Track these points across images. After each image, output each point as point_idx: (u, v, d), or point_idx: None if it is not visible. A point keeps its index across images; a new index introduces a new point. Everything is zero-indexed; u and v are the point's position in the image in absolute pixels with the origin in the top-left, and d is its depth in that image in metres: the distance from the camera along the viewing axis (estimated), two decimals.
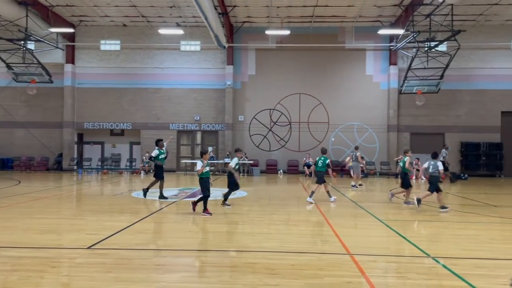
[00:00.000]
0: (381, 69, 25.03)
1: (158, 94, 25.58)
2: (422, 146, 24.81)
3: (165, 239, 7.20)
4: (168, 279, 4.99)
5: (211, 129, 25.67)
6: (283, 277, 5.05)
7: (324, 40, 24.61)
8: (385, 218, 9.62)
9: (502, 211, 10.85)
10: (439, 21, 20.28)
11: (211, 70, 25.42)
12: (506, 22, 23.89)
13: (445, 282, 5.03)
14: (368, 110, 24.89)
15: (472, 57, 24.55)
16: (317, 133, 25.21)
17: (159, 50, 25.67)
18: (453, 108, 24.64)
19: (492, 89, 24.39)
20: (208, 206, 10.00)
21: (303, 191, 16.13)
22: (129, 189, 15.96)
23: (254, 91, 25.43)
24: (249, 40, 25.23)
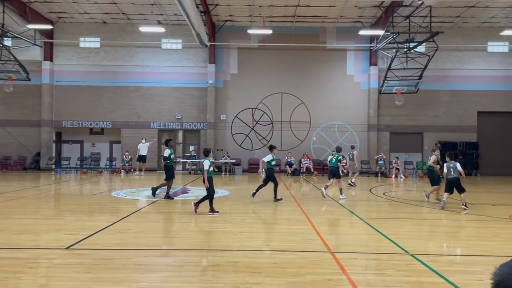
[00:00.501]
0: (361, 69, 25.32)
1: (139, 92, 25.29)
2: (402, 145, 25.24)
3: (146, 238, 7.12)
4: (149, 279, 4.94)
5: (193, 128, 25.52)
6: (265, 275, 5.06)
7: (305, 40, 24.76)
8: (366, 216, 9.74)
9: (478, 209, 11.12)
10: (418, 22, 20.63)
11: (193, 69, 25.28)
12: (482, 24, 24.46)
13: (424, 278, 5.13)
14: (349, 109, 25.15)
15: (449, 58, 25.07)
16: (299, 132, 25.35)
17: (140, 48, 25.39)
18: (431, 108, 25.11)
19: (468, 89, 24.95)
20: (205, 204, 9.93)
21: (285, 190, 16.20)
22: (109, 188, 15.74)
23: (236, 90, 25.40)
24: (231, 39, 25.18)
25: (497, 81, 24.89)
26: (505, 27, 23.94)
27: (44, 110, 24.99)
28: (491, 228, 8.65)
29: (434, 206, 11.88)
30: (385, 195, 14.63)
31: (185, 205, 11.88)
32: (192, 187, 16.22)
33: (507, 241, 7.50)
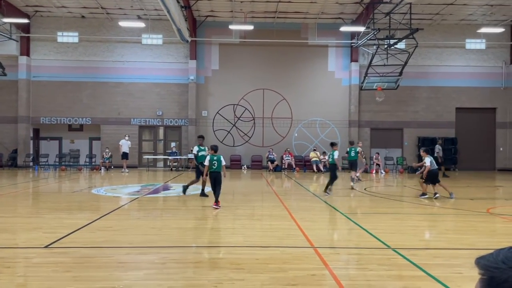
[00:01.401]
0: (342, 65, 25.50)
1: (119, 88, 24.90)
2: (382, 141, 25.55)
3: (127, 236, 7.03)
4: (130, 277, 4.87)
5: (174, 124, 25.29)
6: (248, 271, 5.05)
7: (287, 36, 24.78)
8: (347, 212, 9.83)
9: (457, 203, 11.35)
10: (398, 19, 20.88)
11: (174, 65, 25.02)
12: (460, 21, 24.92)
13: (405, 272, 5.20)
14: (330, 106, 25.32)
15: (429, 55, 25.47)
16: (280, 128, 25.40)
17: (120, 43, 24.97)
18: (411, 104, 25.49)
19: (447, 86, 25.42)
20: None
21: (266, 185, 16.22)
22: (89, 186, 15.48)
23: (217, 86, 25.26)
24: (213, 35, 25.01)
25: (475, 78, 25.42)
26: (482, 24, 24.45)
27: (21, 106, 24.38)
28: (469, 222, 8.84)
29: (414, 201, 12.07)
30: (366, 190, 14.80)
31: (167, 202, 11.79)
32: (173, 184, 16.08)
33: (485, 234, 7.68)
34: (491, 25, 24.45)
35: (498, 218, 9.23)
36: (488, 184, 17.90)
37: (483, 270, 0.79)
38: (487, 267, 0.79)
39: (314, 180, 19.33)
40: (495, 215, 9.53)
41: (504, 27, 24.65)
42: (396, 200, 12.43)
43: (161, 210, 10.29)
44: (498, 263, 0.77)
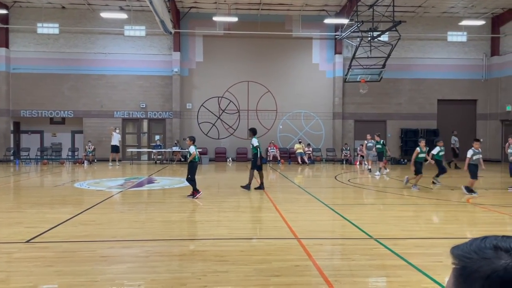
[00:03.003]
0: (327, 57, 25.57)
1: (102, 80, 24.53)
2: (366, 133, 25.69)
3: (110, 230, 6.97)
4: (114, 271, 4.85)
5: (158, 117, 25.07)
6: (232, 263, 5.07)
7: (271, 28, 24.71)
8: (331, 203, 9.93)
9: (438, 193, 11.56)
10: (382, 11, 20.98)
11: (157, 56, 24.73)
12: (442, 14, 25.19)
13: (387, 261, 5.29)
14: (314, 98, 25.40)
15: (411, 48, 25.71)
16: (265, 120, 25.41)
17: (102, 34, 24.56)
18: (394, 97, 25.75)
19: (429, 78, 25.73)
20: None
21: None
22: (72, 179, 15.29)
23: (202, 79, 25.10)
24: (196, 26, 24.78)
25: (456, 70, 25.78)
26: (464, 17, 24.76)
27: (0, 99, 23.83)
28: (449, 212, 9.02)
29: (396, 192, 12.26)
30: (350, 181, 14.96)
31: (151, 195, 11.73)
32: (158, 177, 15.99)
33: (464, 224, 7.85)
34: (472, 18, 24.78)
35: (477, 208, 9.44)
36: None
37: (456, 260, 0.80)
38: (459, 257, 0.79)
39: (299, 172, 19.44)
40: (475, 205, 9.74)
41: (485, 20, 25.02)
42: (379, 191, 12.60)
43: (145, 203, 10.23)
44: (471, 253, 0.78)
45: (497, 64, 25.38)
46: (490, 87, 25.73)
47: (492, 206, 9.48)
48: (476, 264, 0.76)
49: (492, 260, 0.74)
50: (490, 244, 0.78)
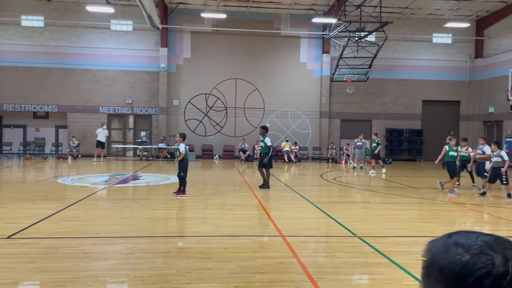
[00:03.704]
0: (314, 56, 25.66)
1: (87, 75, 24.19)
2: (352, 132, 25.94)
3: (94, 226, 6.90)
4: (96, 267, 4.81)
5: (144, 113, 24.84)
6: (217, 260, 5.08)
7: (260, 26, 24.68)
8: (317, 201, 9.99)
9: (421, 193, 11.73)
10: (369, 12, 21.14)
11: (144, 52, 24.50)
12: (428, 16, 25.48)
13: (370, 259, 5.35)
14: (302, 96, 25.48)
15: (398, 48, 25.96)
16: (252, 118, 25.40)
17: (88, 28, 24.21)
18: (380, 96, 25.98)
19: (414, 78, 26.02)
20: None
21: (238, 175, 16.26)
22: (55, 175, 15.08)
23: (189, 75, 24.95)
24: (184, 22, 24.61)
25: (441, 71, 26.12)
26: (449, 19, 25.09)
27: None
28: (432, 211, 9.16)
29: (380, 190, 12.39)
30: (336, 180, 15.07)
31: (136, 192, 11.65)
32: (143, 174, 15.87)
33: (446, 222, 7.99)
34: (457, 20, 25.13)
35: (459, 207, 9.61)
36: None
37: (424, 253, 0.84)
38: (427, 251, 0.84)
39: (285, 170, 19.52)
40: (456, 204, 9.91)
41: (470, 22, 25.39)
42: (364, 190, 12.72)
43: (130, 200, 10.16)
44: (437, 248, 0.83)
45: (480, 66, 25.81)
46: (474, 89, 26.15)
47: (473, 205, 9.66)
48: (437, 258, 0.80)
49: (449, 254, 0.79)
50: (453, 240, 0.82)
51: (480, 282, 0.74)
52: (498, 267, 0.75)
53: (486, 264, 0.75)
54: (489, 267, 0.75)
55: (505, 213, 8.89)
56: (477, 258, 0.76)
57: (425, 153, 26.02)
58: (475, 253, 0.77)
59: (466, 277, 0.75)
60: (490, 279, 0.74)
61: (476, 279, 0.74)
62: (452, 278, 0.77)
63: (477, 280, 0.74)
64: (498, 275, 0.74)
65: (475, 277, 0.74)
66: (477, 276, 0.74)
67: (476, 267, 0.75)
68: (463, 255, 0.77)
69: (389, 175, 16.70)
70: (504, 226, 7.83)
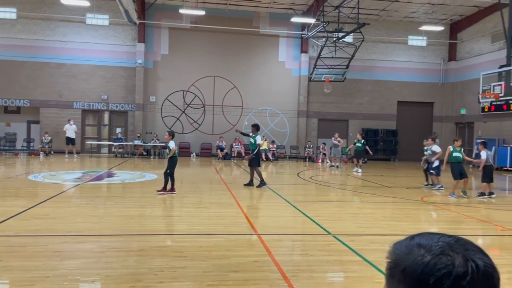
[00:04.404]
0: (293, 56, 25.78)
1: (61, 69, 23.60)
2: (329, 131, 26.19)
3: (65, 224, 6.74)
4: (66, 266, 4.69)
5: (120, 109, 24.43)
6: (191, 259, 5.03)
7: (239, 24, 24.61)
8: (293, 199, 10.03)
9: (395, 192, 11.94)
10: (347, 13, 21.39)
11: (121, 47, 24.08)
12: (404, 18, 25.95)
13: (344, 257, 5.41)
14: (280, 95, 25.56)
15: (374, 50, 26.35)
16: (231, 116, 25.33)
17: (62, 22, 23.62)
18: (356, 97, 26.32)
19: (390, 80, 26.48)
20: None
21: (215, 174, 16.18)
22: (26, 171, 14.67)
23: (167, 71, 24.67)
24: (162, 18, 24.31)
25: (415, 73, 26.65)
26: (424, 22, 25.63)
27: None
28: (404, 210, 9.34)
29: (355, 189, 12.56)
30: (312, 179, 15.18)
31: (110, 189, 11.44)
32: (117, 171, 15.61)
33: (418, 221, 8.16)
34: (432, 24, 25.69)
35: (431, 206, 9.83)
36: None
37: (388, 255, 0.85)
38: (391, 253, 0.85)
39: (263, 168, 19.51)
40: (428, 203, 10.13)
41: (444, 26, 26.01)
42: (340, 189, 12.87)
43: (104, 197, 9.97)
44: (400, 250, 0.84)
45: (453, 69, 26.47)
46: (447, 91, 26.80)
47: (444, 205, 9.90)
48: (400, 259, 0.81)
49: (412, 255, 0.80)
50: (416, 241, 0.83)
51: (441, 282, 0.75)
52: (458, 267, 0.76)
53: (446, 265, 0.76)
54: (450, 268, 0.76)
55: (475, 212, 9.14)
56: (438, 259, 0.77)
57: (400, 153, 26.53)
58: (436, 253, 0.78)
59: (427, 277, 0.76)
60: (450, 279, 0.75)
61: (437, 279, 0.75)
62: (413, 279, 0.78)
63: (437, 280, 0.75)
64: (458, 275, 0.75)
65: (436, 277, 0.75)
66: (437, 276, 0.75)
67: (437, 267, 0.76)
68: (424, 256, 0.78)
69: (364, 174, 16.94)
70: (474, 225, 8.04)
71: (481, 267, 0.76)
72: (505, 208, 9.81)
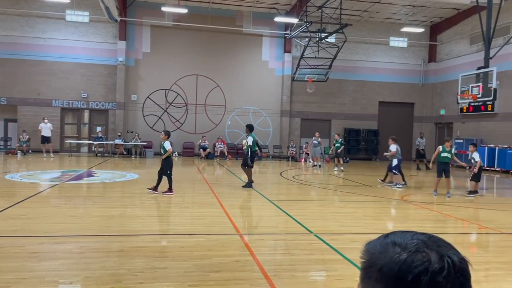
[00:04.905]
0: (276, 55, 25.82)
1: (40, 67, 23.11)
2: (311, 131, 26.33)
3: (43, 224, 6.59)
4: (44, 267, 4.59)
5: (100, 107, 24.06)
6: (172, 259, 4.98)
7: (222, 23, 24.52)
8: (275, 199, 10.05)
9: (376, 191, 12.08)
10: (330, 13, 21.53)
11: (102, 45, 23.71)
12: (385, 20, 26.29)
13: (325, 256, 5.44)
14: (263, 95, 25.58)
15: (356, 50, 26.61)
16: (213, 115, 25.22)
17: (41, 18, 23.13)
18: (339, 97, 26.54)
19: (372, 80, 26.78)
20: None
21: (198, 173, 16.09)
22: (3, 171, 14.31)
23: (148, 70, 24.40)
24: (144, 16, 24.03)
25: (396, 74, 27.03)
26: (405, 24, 26.01)
27: None
28: (385, 208, 9.45)
29: (337, 188, 12.65)
30: (295, 178, 15.24)
31: (90, 189, 11.26)
32: (98, 170, 15.37)
33: (398, 220, 8.26)
34: (412, 25, 26.09)
35: (410, 205, 9.97)
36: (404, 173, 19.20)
37: (362, 254, 0.85)
38: (365, 252, 0.86)
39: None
40: (408, 202, 10.28)
41: (424, 28, 26.44)
42: (322, 188, 12.95)
43: (83, 197, 9.80)
44: (375, 249, 0.84)
45: (433, 70, 26.94)
46: (427, 92, 27.26)
47: (423, 204, 10.05)
48: (375, 258, 0.82)
49: (387, 253, 0.81)
50: (390, 240, 0.83)
51: (418, 279, 0.76)
52: (434, 263, 0.77)
53: (423, 261, 0.77)
54: (426, 264, 0.77)
55: (454, 211, 9.31)
56: (414, 256, 0.78)
57: (381, 152, 26.78)
58: (412, 251, 0.79)
59: (405, 274, 0.77)
60: (427, 275, 0.76)
61: (415, 276, 0.76)
62: (391, 277, 0.78)
63: (415, 277, 0.76)
64: (435, 271, 0.76)
65: (414, 274, 0.76)
66: (415, 273, 0.76)
67: (414, 264, 0.77)
68: (401, 254, 0.79)
69: (346, 174, 17.10)
70: (452, 223, 8.19)
71: (456, 262, 0.78)
72: (483, 207, 10.02)
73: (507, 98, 20.65)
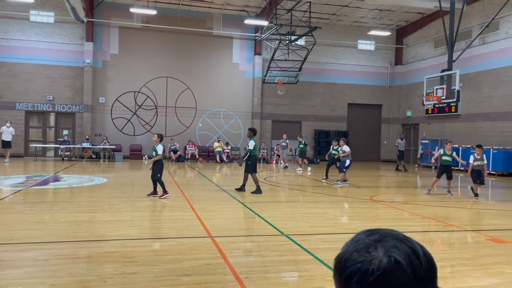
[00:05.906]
0: (246, 58, 25.88)
1: (2, 68, 22.27)
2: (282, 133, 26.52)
3: (6, 231, 6.35)
4: (8, 276, 4.42)
5: (67, 110, 23.42)
6: (142, 264, 4.90)
7: (192, 25, 24.36)
8: (247, 201, 10.06)
9: (345, 191, 12.28)
10: (299, 16, 21.78)
11: (68, 46, 23.09)
12: (354, 23, 26.82)
13: (297, 257, 5.49)
14: (234, 97, 25.57)
15: (326, 53, 27.01)
16: (184, 118, 25.01)
17: (4, 18, 22.30)
18: (309, 99, 26.85)
19: (341, 82, 27.24)
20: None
21: (168, 176, 15.90)
22: None
23: (117, 72, 23.95)
24: (112, 17, 23.58)
25: (364, 76, 27.61)
26: (372, 27, 26.62)
27: None
28: (355, 208, 9.63)
29: (308, 189, 12.79)
30: (266, 180, 15.29)
31: (57, 194, 10.93)
32: (64, 175, 14.95)
33: (367, 219, 8.42)
34: (379, 29, 26.73)
35: (379, 204, 10.19)
36: (373, 173, 19.67)
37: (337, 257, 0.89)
38: (340, 253, 0.89)
39: (217, 170, 19.46)
40: (377, 202, 10.51)
41: (391, 31, 27.15)
42: (293, 189, 13.05)
43: (49, 203, 9.51)
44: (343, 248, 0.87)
45: (400, 73, 27.69)
46: (393, 94, 27.98)
47: (392, 203, 10.30)
48: (340, 255, 0.87)
49: (343, 248, 0.87)
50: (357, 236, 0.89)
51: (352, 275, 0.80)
52: (370, 264, 0.80)
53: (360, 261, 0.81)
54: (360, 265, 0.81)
55: (421, 209, 9.59)
56: (356, 254, 0.83)
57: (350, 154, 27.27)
58: (357, 249, 0.84)
59: (341, 272, 0.83)
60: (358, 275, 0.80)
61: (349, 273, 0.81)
62: (336, 272, 0.85)
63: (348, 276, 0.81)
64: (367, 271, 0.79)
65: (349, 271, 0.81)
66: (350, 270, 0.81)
67: (349, 263, 0.82)
68: (348, 251, 0.85)
69: (316, 175, 17.32)
70: (418, 221, 8.43)
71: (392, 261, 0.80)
72: (448, 206, 10.36)
73: (470, 99, 21.46)
